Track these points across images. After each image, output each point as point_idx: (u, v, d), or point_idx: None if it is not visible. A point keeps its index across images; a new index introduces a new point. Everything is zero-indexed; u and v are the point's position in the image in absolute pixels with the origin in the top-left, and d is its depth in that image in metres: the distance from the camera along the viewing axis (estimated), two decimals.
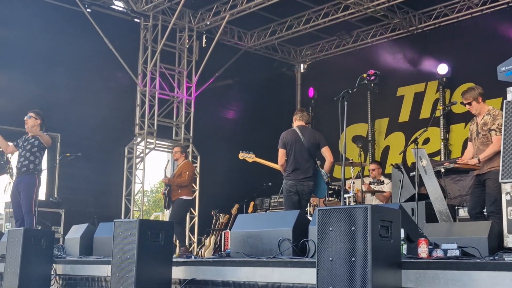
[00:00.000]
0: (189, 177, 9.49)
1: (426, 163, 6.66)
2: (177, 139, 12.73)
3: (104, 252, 6.50)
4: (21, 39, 11.01)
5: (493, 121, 6.31)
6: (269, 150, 14.00)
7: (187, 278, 5.25)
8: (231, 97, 14.15)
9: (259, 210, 11.86)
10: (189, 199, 9.58)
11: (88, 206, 9.39)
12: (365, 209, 3.57)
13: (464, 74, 11.71)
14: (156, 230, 5.10)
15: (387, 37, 13.42)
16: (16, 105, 10.51)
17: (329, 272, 3.63)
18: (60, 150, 11.03)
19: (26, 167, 8.07)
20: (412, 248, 4.33)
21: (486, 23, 11.83)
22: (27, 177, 8.08)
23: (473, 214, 6.43)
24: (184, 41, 12.96)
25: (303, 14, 12.93)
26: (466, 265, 3.62)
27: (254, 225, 5.33)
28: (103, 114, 11.94)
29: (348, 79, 12.92)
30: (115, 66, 11.94)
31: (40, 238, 6.37)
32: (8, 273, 6.33)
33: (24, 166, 8.08)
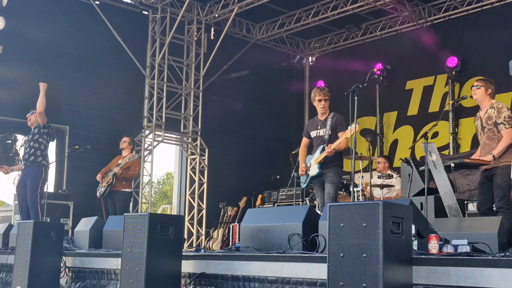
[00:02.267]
0: (138, 172, 9.65)
1: (435, 158, 6.63)
2: (185, 132, 12.75)
3: (114, 245, 6.51)
4: (30, 31, 11.03)
5: (499, 114, 6.26)
6: (278, 142, 14.08)
7: (197, 272, 5.25)
8: (239, 89, 14.13)
9: (267, 203, 11.88)
10: (130, 191, 9.62)
11: (97, 198, 9.40)
12: (377, 205, 3.56)
13: (473, 67, 11.65)
14: (166, 224, 5.10)
15: (396, 30, 13.36)
16: (25, 97, 10.53)
17: (340, 268, 3.62)
18: (69, 143, 11.08)
19: (34, 156, 8.10)
20: (422, 244, 4.32)
21: (496, 16, 11.75)
22: (34, 169, 8.11)
23: (482, 210, 6.41)
24: (192, 34, 12.94)
25: (312, 6, 12.88)
26: (478, 261, 3.61)
27: (264, 220, 5.32)
28: (111, 107, 11.97)
29: (356, 72, 12.95)
30: (123, 59, 11.94)
31: (50, 231, 6.40)
32: (18, 265, 6.37)
33: (32, 155, 8.11)
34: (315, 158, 6.92)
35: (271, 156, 13.70)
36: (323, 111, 6.99)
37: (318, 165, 6.86)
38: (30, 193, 8.03)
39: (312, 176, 6.96)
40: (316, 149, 7.00)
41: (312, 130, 7.12)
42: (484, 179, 6.38)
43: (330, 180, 6.84)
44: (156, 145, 12.36)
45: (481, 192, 6.43)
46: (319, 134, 7.01)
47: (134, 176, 9.59)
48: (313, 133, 7.10)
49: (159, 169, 53.30)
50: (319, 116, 7.08)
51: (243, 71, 14.09)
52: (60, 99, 11.20)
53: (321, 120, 7.03)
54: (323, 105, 6.96)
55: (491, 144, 6.28)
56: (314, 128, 7.10)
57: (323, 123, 6.99)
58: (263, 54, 14.43)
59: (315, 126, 7.10)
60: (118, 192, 9.17)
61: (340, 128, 6.84)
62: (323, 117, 7.03)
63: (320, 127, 7.00)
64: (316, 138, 7.05)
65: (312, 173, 6.95)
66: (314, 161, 6.92)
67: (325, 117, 7.00)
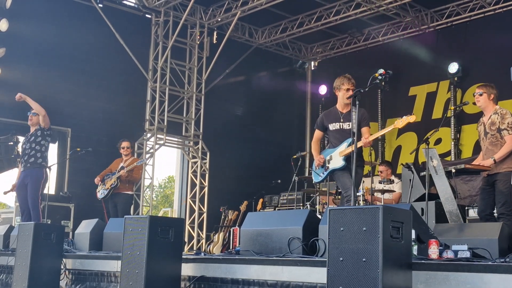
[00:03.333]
0: (141, 174, 9.74)
1: (436, 163, 6.63)
2: (187, 135, 12.76)
3: (114, 248, 6.52)
4: (33, 33, 11.05)
5: (502, 121, 6.26)
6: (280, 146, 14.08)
7: (197, 275, 5.26)
8: (241, 93, 14.14)
9: (268, 207, 11.86)
10: (132, 194, 9.65)
11: (98, 201, 9.41)
12: (377, 210, 3.56)
13: (476, 74, 11.64)
14: (166, 226, 5.11)
15: (399, 36, 13.37)
16: None
17: (340, 272, 3.63)
18: (70, 145, 11.10)
19: (34, 157, 8.11)
20: (422, 249, 4.32)
21: (498, 22, 11.75)
22: (35, 170, 8.11)
23: (483, 216, 6.39)
24: (195, 37, 12.96)
25: (314, 11, 12.90)
26: (478, 267, 3.61)
27: (264, 223, 5.33)
28: (113, 110, 11.99)
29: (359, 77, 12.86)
30: (126, 62, 11.96)
31: (50, 233, 6.41)
32: (18, 266, 6.37)
33: (32, 157, 8.11)
34: (341, 151, 6.35)
35: (272, 160, 13.70)
36: (348, 101, 6.35)
37: (344, 157, 6.31)
38: (32, 195, 8.04)
39: (335, 169, 6.41)
40: (340, 142, 6.42)
41: (331, 123, 6.53)
42: (485, 185, 6.37)
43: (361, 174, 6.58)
44: (157, 148, 12.38)
45: (482, 198, 6.42)
46: (343, 127, 6.45)
47: (137, 179, 9.63)
48: (334, 126, 6.51)
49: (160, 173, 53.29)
50: (340, 108, 6.54)
51: (245, 75, 14.09)
52: (62, 101, 11.22)
53: (342, 113, 6.49)
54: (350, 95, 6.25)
55: (494, 150, 6.27)
56: (335, 121, 6.51)
57: (346, 116, 6.44)
58: (265, 59, 14.45)
59: (335, 119, 6.52)
60: (120, 195, 9.17)
61: (364, 123, 6.38)
62: (345, 110, 6.49)
63: (343, 120, 6.44)
64: (340, 131, 6.47)
65: (335, 165, 6.38)
66: (339, 153, 6.35)
67: (348, 110, 6.43)
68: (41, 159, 8.17)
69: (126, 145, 9.46)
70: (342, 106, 6.54)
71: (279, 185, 11.49)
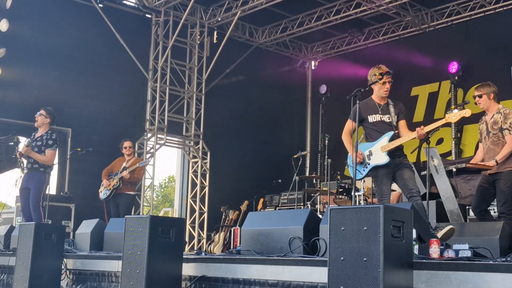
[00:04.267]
0: (143, 175, 9.77)
1: (437, 162, 6.63)
2: (187, 135, 12.76)
3: (115, 248, 6.52)
4: (33, 33, 11.06)
5: (505, 120, 6.24)
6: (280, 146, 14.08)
7: (197, 275, 5.25)
8: (242, 93, 14.14)
9: (269, 207, 11.87)
10: (134, 194, 9.68)
11: (98, 201, 9.40)
12: (378, 209, 3.56)
13: (477, 73, 11.61)
14: (167, 226, 5.11)
15: (399, 35, 13.37)
16: (29, 100, 10.60)
17: (341, 272, 3.62)
18: (71, 145, 11.10)
19: (38, 165, 8.08)
20: (423, 248, 4.31)
21: (499, 22, 11.74)
22: (38, 175, 8.09)
23: (477, 212, 6.37)
24: (195, 37, 12.96)
25: (314, 11, 12.90)
26: (479, 266, 3.60)
27: (265, 223, 5.33)
28: (114, 109, 11.99)
29: (359, 76, 12.94)
30: (126, 62, 11.96)
31: (51, 233, 6.40)
32: (19, 266, 6.37)
33: (36, 163, 8.09)
34: (383, 146, 5.98)
35: (273, 160, 13.69)
36: (386, 94, 6.15)
37: (387, 153, 5.94)
38: (34, 199, 8.02)
39: (377, 165, 6.01)
40: (380, 135, 6.07)
41: (370, 114, 6.16)
42: (485, 183, 6.35)
43: (410, 167, 6.06)
44: (158, 148, 12.38)
45: (480, 194, 6.38)
46: (384, 119, 6.12)
47: (139, 180, 9.65)
48: (374, 117, 6.15)
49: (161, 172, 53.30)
50: (377, 100, 6.20)
51: (245, 75, 14.09)
52: (63, 101, 11.23)
53: (380, 105, 6.17)
54: (387, 88, 6.13)
55: (495, 149, 6.26)
56: (374, 112, 6.16)
57: (384, 108, 6.16)
58: (265, 58, 14.45)
59: (373, 110, 6.17)
60: (123, 195, 9.17)
61: (402, 116, 6.16)
62: (382, 102, 6.18)
63: (382, 113, 6.14)
64: (380, 123, 6.13)
65: (378, 161, 5.98)
66: (381, 148, 5.99)
67: (385, 103, 6.18)
68: (44, 166, 8.13)
69: (128, 145, 9.45)
70: (379, 98, 6.21)
71: (279, 184, 11.48)
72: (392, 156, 5.94)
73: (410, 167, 6.05)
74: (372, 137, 6.11)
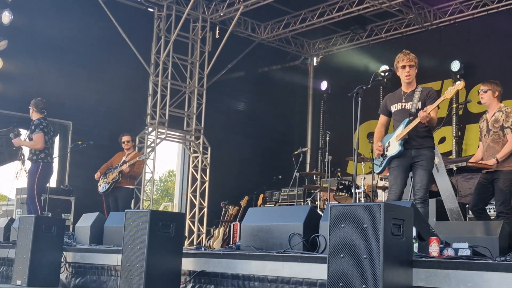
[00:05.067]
0: (142, 169, 9.77)
1: (438, 161, 6.62)
2: (188, 130, 12.75)
3: (114, 241, 6.53)
4: (35, 26, 11.05)
5: (507, 119, 6.25)
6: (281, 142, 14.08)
7: (197, 269, 5.26)
8: (243, 88, 14.14)
9: (269, 203, 11.88)
10: (133, 188, 9.68)
11: (98, 194, 9.42)
12: (378, 207, 3.56)
13: (479, 72, 11.59)
14: (167, 221, 5.11)
15: (401, 33, 13.35)
16: (29, 92, 10.55)
17: (340, 269, 3.63)
18: (72, 138, 11.10)
19: (32, 154, 8.15)
20: (423, 246, 4.32)
21: (502, 20, 11.72)
22: (32, 166, 8.17)
23: (474, 210, 6.38)
24: (197, 32, 12.94)
25: (317, 7, 12.88)
26: (478, 265, 3.61)
27: (265, 219, 5.33)
28: (115, 103, 11.99)
29: (361, 73, 12.94)
30: (128, 56, 11.95)
31: (51, 226, 6.41)
32: (18, 259, 6.38)
33: (31, 153, 8.17)
34: (397, 135, 5.70)
35: (273, 156, 13.70)
36: (408, 80, 5.79)
37: (400, 141, 5.64)
38: (28, 190, 8.08)
39: (392, 156, 5.72)
40: (399, 124, 5.80)
41: (394, 104, 5.93)
42: (484, 181, 6.36)
43: (424, 166, 5.59)
44: (159, 142, 12.38)
45: (478, 192, 6.38)
46: (405, 107, 5.81)
47: (139, 174, 9.65)
48: (396, 107, 5.90)
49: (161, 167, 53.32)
50: (403, 88, 5.90)
51: (247, 70, 14.08)
52: (64, 94, 11.23)
53: (406, 93, 5.86)
54: (408, 72, 5.75)
55: (495, 147, 6.27)
56: (397, 101, 5.91)
57: (409, 95, 5.82)
58: (267, 54, 14.43)
59: (398, 99, 5.91)
60: (122, 189, 9.18)
61: (429, 101, 5.66)
62: (409, 89, 5.85)
63: (406, 100, 5.81)
64: (400, 112, 5.85)
65: (392, 152, 5.71)
66: (396, 137, 5.70)
67: (412, 90, 5.83)
68: (37, 155, 8.14)
69: (127, 139, 9.46)
70: (405, 85, 5.91)
71: (280, 180, 11.49)
72: (408, 147, 5.63)
73: (425, 166, 5.60)
74: (395, 127, 5.87)
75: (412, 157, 5.64)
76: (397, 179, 5.66)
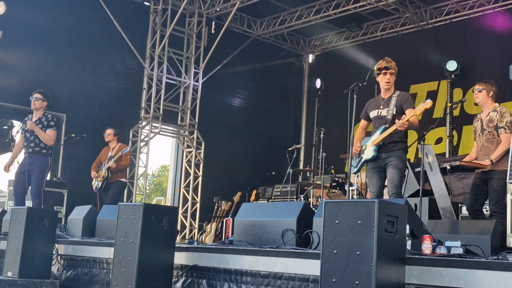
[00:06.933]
0: (129, 160, 9.70)
1: (432, 160, 6.64)
2: (183, 124, 12.73)
3: (107, 234, 6.52)
4: (30, 17, 10.98)
5: (501, 119, 6.27)
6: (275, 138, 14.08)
7: (189, 264, 5.26)
8: (238, 84, 14.14)
9: (262, 199, 11.89)
10: (126, 181, 9.72)
11: (91, 187, 9.42)
12: (372, 204, 3.56)
13: (475, 72, 11.59)
14: (160, 215, 5.10)
15: (397, 31, 13.36)
16: (24, 83, 10.55)
17: (333, 265, 3.63)
18: (65, 131, 11.05)
19: (39, 147, 8.02)
20: (416, 244, 4.32)
21: (498, 21, 11.73)
22: (40, 158, 8.01)
23: (471, 211, 6.42)
24: (193, 27, 12.91)
25: (314, 4, 12.87)
26: (470, 263, 3.62)
27: (258, 214, 5.33)
28: (109, 96, 11.96)
29: (356, 71, 12.90)
30: (123, 49, 11.93)
31: (43, 218, 6.37)
32: (10, 251, 6.35)
33: (37, 146, 8.02)
34: (373, 140, 5.98)
35: (267, 152, 13.71)
36: (387, 86, 6.02)
37: (375, 147, 5.92)
38: (37, 183, 7.92)
39: (366, 160, 6.04)
40: (376, 130, 6.06)
41: (372, 110, 6.14)
42: (478, 181, 6.38)
43: (394, 165, 5.89)
44: (152, 136, 12.35)
45: (474, 193, 6.42)
46: (381, 114, 6.05)
47: (126, 166, 9.63)
48: (374, 113, 6.13)
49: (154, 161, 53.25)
50: (382, 94, 6.13)
51: (242, 66, 14.08)
52: (58, 86, 11.17)
53: (384, 99, 6.08)
54: (388, 79, 6.01)
55: (490, 147, 6.29)
56: (375, 108, 6.11)
57: (386, 101, 6.03)
58: (263, 50, 14.42)
59: (376, 105, 6.12)
60: (115, 183, 9.22)
61: (407, 105, 5.92)
62: (386, 95, 6.07)
63: (383, 106, 6.03)
64: (377, 118, 6.09)
65: (367, 156, 6.02)
66: (371, 142, 5.98)
67: (389, 95, 6.05)
68: (47, 148, 8.09)
69: (108, 132, 9.47)
70: (383, 91, 6.14)
71: (273, 177, 11.51)
72: (380, 151, 5.95)
73: (395, 165, 5.92)
74: (372, 132, 6.19)
75: (384, 159, 5.99)
76: (372, 180, 6.07)
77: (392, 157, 5.95)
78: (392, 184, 5.90)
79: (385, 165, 5.99)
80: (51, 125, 8.06)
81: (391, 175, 5.92)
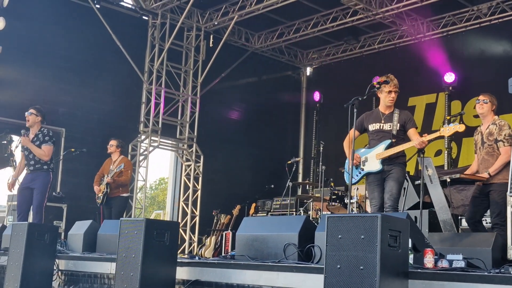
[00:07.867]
0: (130, 175, 9.56)
1: (432, 172, 6.66)
2: (181, 138, 12.75)
3: (108, 250, 6.51)
4: (29, 32, 11.02)
5: (500, 132, 6.29)
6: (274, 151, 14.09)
7: (191, 279, 5.25)
8: (236, 98, 14.17)
9: (261, 212, 11.88)
10: (128, 196, 9.65)
11: (90, 201, 9.39)
12: (375, 218, 3.57)
13: (472, 84, 11.63)
14: (162, 230, 5.10)
15: (395, 44, 13.43)
16: (23, 98, 10.55)
17: (337, 280, 3.63)
18: (65, 145, 11.05)
19: (40, 164, 8.00)
20: (418, 258, 4.33)
21: (494, 33, 11.81)
22: (43, 174, 7.98)
23: (471, 223, 6.42)
24: (191, 41, 12.97)
25: (311, 17, 12.94)
26: (473, 277, 3.63)
27: (260, 229, 5.33)
28: (108, 111, 11.97)
29: (354, 84, 12.91)
30: (122, 63, 11.95)
31: (44, 233, 6.37)
32: (11, 266, 6.33)
33: (38, 163, 8.00)
34: (378, 153, 6.13)
35: (266, 165, 13.72)
36: (391, 103, 6.31)
37: (381, 160, 6.10)
38: (39, 198, 7.90)
39: (370, 172, 6.20)
40: (378, 143, 6.22)
41: (372, 123, 6.34)
42: (478, 193, 6.39)
43: (394, 178, 6.09)
44: (151, 150, 12.36)
45: (474, 205, 6.43)
46: (384, 128, 6.26)
47: (127, 181, 9.56)
48: (374, 126, 6.32)
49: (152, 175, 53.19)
50: (382, 109, 6.36)
51: (240, 79, 14.13)
52: (57, 101, 11.20)
53: (384, 114, 6.32)
54: (393, 98, 6.29)
55: (490, 159, 6.31)
56: (375, 121, 6.33)
57: (388, 117, 6.28)
58: (261, 63, 14.48)
59: (375, 119, 6.34)
60: (116, 198, 9.17)
61: (410, 124, 6.24)
62: (387, 111, 6.33)
63: (384, 121, 6.26)
64: (379, 131, 6.28)
65: (371, 168, 6.18)
66: (376, 155, 6.13)
67: (390, 112, 6.31)
68: (47, 164, 8.07)
69: (110, 143, 9.43)
70: (384, 107, 6.37)
71: (272, 190, 11.50)
72: (383, 163, 6.11)
73: (395, 178, 6.10)
74: (371, 144, 6.30)
75: (386, 171, 6.13)
76: (374, 193, 6.20)
77: (394, 170, 6.12)
78: (391, 196, 6.04)
79: (386, 177, 6.16)
80: (46, 140, 8.03)
81: (390, 187, 6.08)
